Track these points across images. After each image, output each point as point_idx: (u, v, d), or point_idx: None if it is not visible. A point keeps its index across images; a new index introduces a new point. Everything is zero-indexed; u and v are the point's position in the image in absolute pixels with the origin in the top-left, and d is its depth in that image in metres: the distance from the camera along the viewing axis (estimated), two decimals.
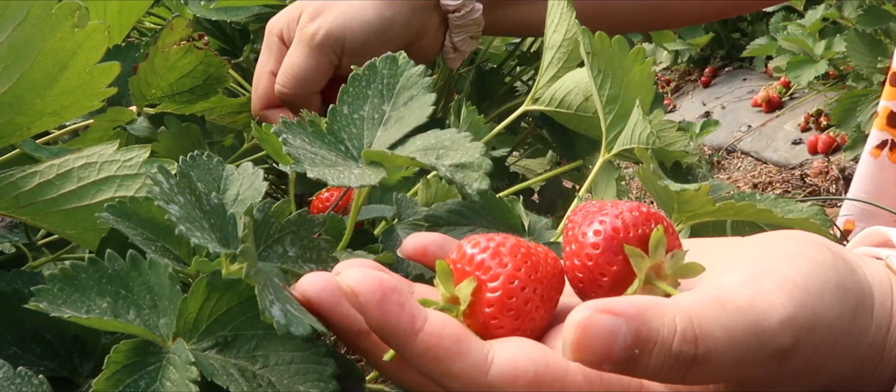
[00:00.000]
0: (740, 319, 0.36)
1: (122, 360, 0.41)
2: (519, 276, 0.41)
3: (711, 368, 0.36)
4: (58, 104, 0.50)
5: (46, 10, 0.46)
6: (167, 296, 0.43)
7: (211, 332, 0.43)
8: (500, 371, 0.38)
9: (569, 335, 0.35)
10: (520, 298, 0.41)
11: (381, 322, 0.38)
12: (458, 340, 0.39)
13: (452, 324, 0.39)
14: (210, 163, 0.52)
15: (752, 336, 0.36)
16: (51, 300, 0.41)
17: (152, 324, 0.42)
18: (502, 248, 0.41)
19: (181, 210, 0.43)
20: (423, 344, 0.38)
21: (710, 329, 0.36)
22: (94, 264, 0.42)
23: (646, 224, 0.42)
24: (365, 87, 0.55)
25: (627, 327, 0.35)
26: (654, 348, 0.35)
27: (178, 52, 0.75)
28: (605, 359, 0.35)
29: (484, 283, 0.41)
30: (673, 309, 0.36)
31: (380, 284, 0.38)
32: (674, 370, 0.36)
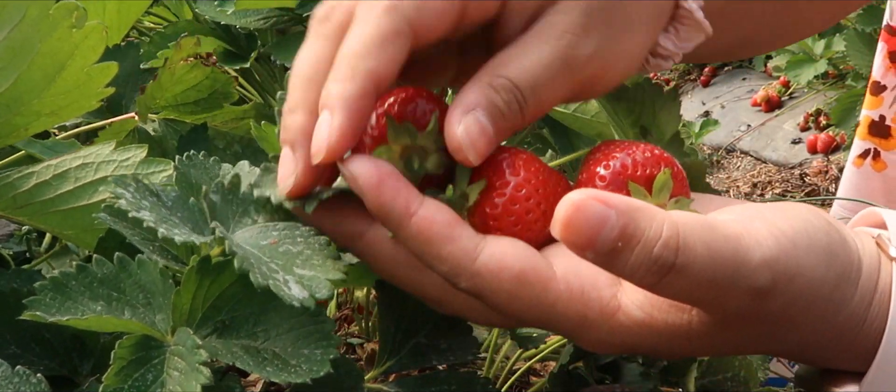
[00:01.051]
0: (724, 245, 0.37)
1: (127, 355, 0.41)
2: (526, 186, 0.43)
3: (686, 282, 0.37)
4: (55, 104, 0.49)
5: (44, 10, 0.46)
6: (160, 292, 0.43)
7: (208, 320, 0.43)
8: (487, 260, 0.41)
9: (560, 212, 0.37)
10: (522, 207, 0.42)
11: (378, 203, 0.40)
12: (449, 225, 0.41)
13: (446, 211, 0.41)
14: (207, 162, 0.52)
15: (732, 264, 0.37)
16: (45, 308, 0.41)
17: (149, 321, 0.42)
18: (518, 160, 0.43)
19: (152, 213, 0.43)
20: (416, 226, 0.40)
21: (693, 244, 0.37)
22: (83, 270, 0.42)
23: (655, 165, 0.43)
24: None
25: (616, 219, 0.36)
26: (636, 246, 0.37)
27: (185, 68, 0.75)
28: (589, 244, 0.36)
29: (493, 187, 0.43)
30: (662, 217, 0.37)
31: (378, 169, 0.40)
32: (650, 273, 0.37)
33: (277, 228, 0.44)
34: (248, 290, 0.41)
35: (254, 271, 0.38)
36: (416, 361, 0.52)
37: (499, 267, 0.41)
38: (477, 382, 0.53)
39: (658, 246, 0.37)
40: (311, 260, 0.41)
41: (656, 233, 0.37)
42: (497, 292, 0.41)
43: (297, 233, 0.44)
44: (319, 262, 0.41)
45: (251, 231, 0.45)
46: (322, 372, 0.41)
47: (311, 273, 0.40)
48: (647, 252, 0.37)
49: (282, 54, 0.91)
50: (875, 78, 1.12)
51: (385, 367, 0.53)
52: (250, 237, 0.44)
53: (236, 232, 0.45)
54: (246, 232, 0.45)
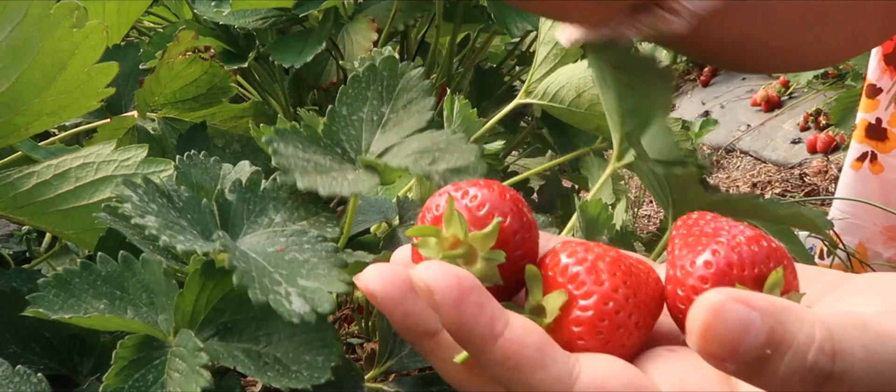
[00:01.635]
0: (883, 346, 0.33)
1: (128, 355, 0.41)
2: (615, 297, 0.37)
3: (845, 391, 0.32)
4: (56, 104, 0.49)
5: (45, 10, 0.46)
6: (163, 292, 0.43)
7: (210, 322, 0.43)
8: (586, 389, 0.35)
9: (698, 318, 0.32)
10: (612, 322, 0.37)
11: (458, 323, 0.35)
12: (541, 350, 0.35)
13: (536, 331, 0.36)
14: (207, 162, 0.52)
15: (891, 365, 0.33)
16: (47, 305, 0.41)
17: (151, 320, 0.42)
18: (601, 263, 0.37)
19: (157, 218, 0.42)
20: (503, 350, 0.35)
21: (850, 347, 0.32)
22: (87, 268, 0.42)
23: (764, 263, 0.37)
24: (364, 89, 0.54)
25: (762, 323, 0.32)
26: (787, 353, 0.32)
27: (183, 63, 0.75)
28: (732, 353, 0.32)
29: (575, 300, 0.37)
30: (812, 317, 0.33)
31: (458, 281, 0.35)
32: (804, 384, 0.32)
33: (285, 233, 0.44)
34: None
35: (253, 287, 0.38)
36: (416, 361, 0.52)
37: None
38: None
39: (813, 352, 0.32)
40: (316, 269, 0.41)
41: (808, 336, 0.32)
42: None
43: (304, 239, 0.43)
44: (324, 271, 0.40)
45: (260, 236, 0.44)
46: (323, 379, 0.41)
47: (315, 285, 0.39)
48: (801, 359, 0.32)
49: (280, 55, 0.91)
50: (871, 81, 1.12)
51: (385, 366, 0.52)
52: (258, 243, 0.44)
53: (247, 235, 0.45)
54: (255, 237, 0.44)
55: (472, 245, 0.38)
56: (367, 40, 0.96)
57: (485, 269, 0.38)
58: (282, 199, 0.47)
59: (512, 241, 0.38)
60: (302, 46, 0.92)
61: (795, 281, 0.38)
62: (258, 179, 0.48)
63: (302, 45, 0.93)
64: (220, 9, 0.91)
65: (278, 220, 0.47)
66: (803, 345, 0.32)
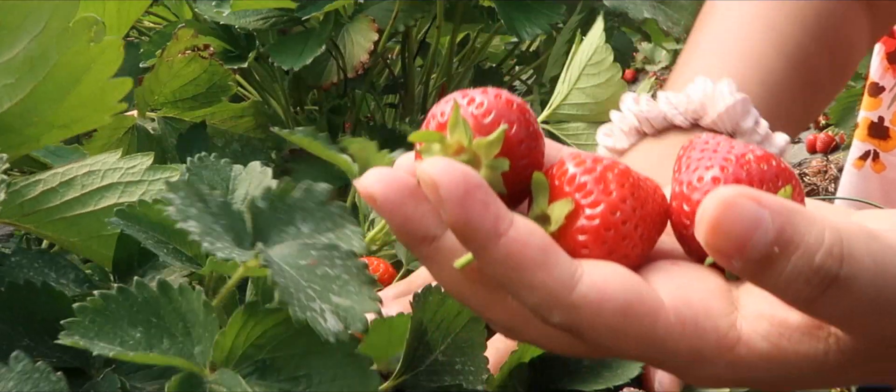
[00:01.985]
0: (891, 257, 0.32)
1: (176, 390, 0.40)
2: (622, 208, 0.37)
3: (848, 299, 0.32)
4: (68, 117, 0.49)
5: (64, 22, 0.45)
6: (201, 322, 0.42)
7: (248, 358, 0.42)
8: (587, 292, 0.34)
9: (708, 211, 0.31)
10: (618, 233, 0.37)
11: (462, 219, 0.34)
12: (544, 251, 0.34)
13: (540, 233, 0.35)
14: (218, 163, 0.51)
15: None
16: (83, 333, 0.40)
17: (187, 352, 0.41)
18: (609, 174, 0.37)
19: (198, 223, 0.41)
20: (506, 249, 0.34)
21: (859, 254, 0.32)
22: (124, 293, 0.41)
23: (773, 181, 0.37)
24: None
25: (772, 221, 0.31)
26: (794, 253, 0.31)
27: (183, 61, 0.74)
28: (739, 250, 0.31)
29: (582, 208, 0.37)
30: (824, 221, 0.32)
31: (464, 178, 0.34)
32: (809, 286, 0.32)
33: (317, 247, 0.43)
34: (291, 330, 0.39)
35: (293, 304, 0.37)
36: (430, 380, 0.51)
37: (600, 299, 0.34)
38: None
39: (820, 254, 0.31)
40: (347, 286, 0.40)
41: (817, 238, 0.31)
42: (597, 327, 0.35)
43: (335, 254, 0.43)
44: (355, 289, 0.40)
45: (290, 247, 0.44)
46: None
47: (348, 303, 0.39)
48: (808, 260, 0.31)
49: (279, 57, 0.91)
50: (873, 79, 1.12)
51: (400, 380, 0.52)
52: (289, 255, 0.43)
53: (276, 246, 0.44)
54: (285, 247, 0.44)
55: (476, 152, 0.37)
56: (368, 41, 0.95)
57: (489, 176, 0.37)
58: (310, 209, 0.46)
59: (517, 149, 0.38)
60: (301, 48, 0.92)
61: (802, 200, 0.38)
62: (289, 188, 0.47)
63: (301, 46, 0.92)
64: (220, 9, 0.90)
65: (306, 230, 0.46)
66: (812, 246, 0.31)
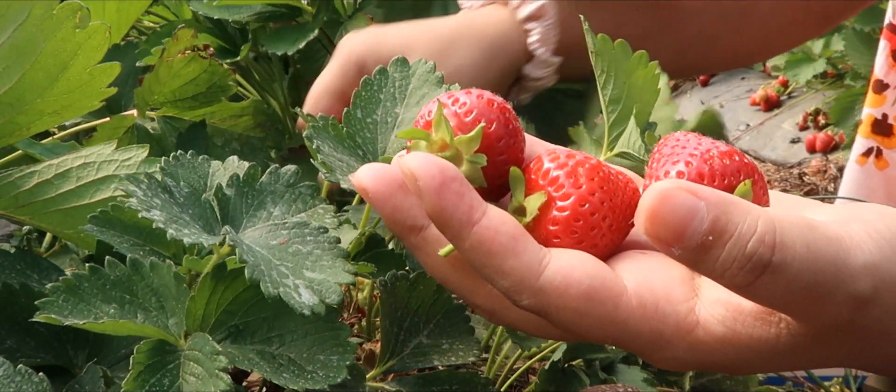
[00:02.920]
0: (825, 246, 0.35)
1: (144, 360, 0.41)
2: (591, 200, 0.39)
3: (782, 284, 0.34)
4: (58, 104, 0.49)
5: (48, 10, 0.46)
6: (173, 296, 0.43)
7: (221, 325, 0.43)
8: (553, 277, 0.38)
9: (646, 202, 0.34)
10: (587, 223, 0.39)
11: (438, 208, 0.37)
12: (513, 238, 0.38)
13: (510, 222, 0.38)
14: (195, 161, 0.52)
15: (833, 267, 0.35)
16: (57, 311, 0.41)
17: (162, 324, 0.42)
18: (580, 169, 0.40)
19: (163, 212, 0.43)
20: (478, 236, 0.37)
21: (791, 241, 0.34)
22: (96, 272, 0.42)
23: (734, 175, 0.39)
24: (377, 92, 0.55)
25: (707, 212, 0.34)
26: (728, 241, 0.34)
27: (182, 61, 0.75)
28: (676, 238, 0.34)
29: (553, 201, 0.40)
30: (758, 212, 0.35)
31: (441, 171, 0.37)
32: (743, 271, 0.34)
33: (287, 226, 0.44)
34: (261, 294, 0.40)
35: (264, 280, 0.38)
36: (417, 361, 0.52)
37: (566, 283, 0.37)
38: (477, 382, 0.53)
39: (753, 241, 0.34)
40: (320, 261, 0.41)
41: (750, 227, 0.34)
42: (562, 310, 0.38)
43: (306, 231, 0.44)
44: (329, 262, 0.41)
45: (261, 230, 0.45)
46: (339, 378, 0.41)
47: (321, 276, 0.40)
48: (741, 248, 0.34)
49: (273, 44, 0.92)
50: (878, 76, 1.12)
51: (386, 366, 0.53)
52: (260, 237, 0.44)
53: (247, 230, 0.45)
54: (256, 230, 0.45)
55: (458, 148, 0.40)
56: None
57: (470, 171, 0.40)
58: (279, 192, 0.47)
59: (496, 146, 0.41)
60: (296, 35, 0.93)
61: (765, 196, 0.40)
62: (255, 173, 0.48)
63: (295, 35, 0.93)
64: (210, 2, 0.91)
65: (277, 213, 0.47)
66: (744, 235, 0.34)
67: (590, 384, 0.62)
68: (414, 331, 0.52)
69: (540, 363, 0.68)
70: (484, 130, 0.40)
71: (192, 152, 0.52)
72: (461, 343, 0.52)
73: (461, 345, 0.52)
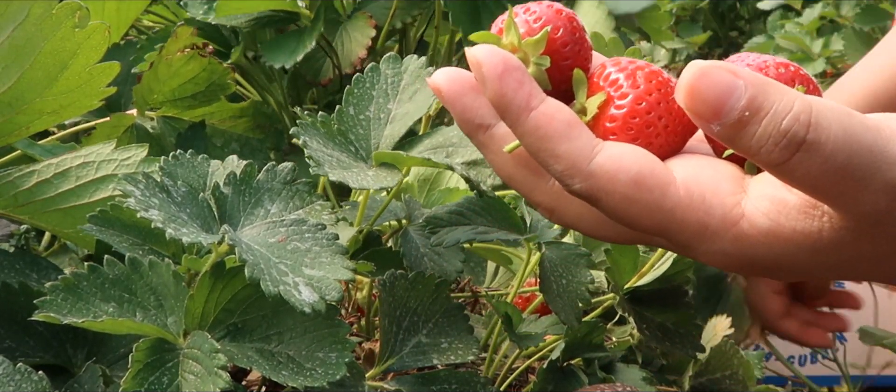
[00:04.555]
0: (863, 131, 0.35)
1: (143, 359, 0.41)
2: (647, 99, 0.41)
3: (818, 162, 0.35)
4: (57, 103, 0.49)
5: (47, 10, 0.46)
6: (172, 294, 0.43)
7: (220, 323, 0.43)
8: (603, 161, 0.39)
9: (686, 77, 0.35)
10: (643, 121, 0.41)
11: (499, 93, 0.39)
12: (568, 124, 0.40)
13: (567, 111, 0.40)
14: (195, 160, 0.52)
15: (869, 153, 0.35)
16: (56, 309, 0.41)
17: (161, 323, 0.42)
18: (639, 72, 0.42)
19: (161, 212, 0.43)
20: (535, 121, 0.39)
21: (827, 123, 0.35)
22: (95, 271, 0.42)
23: (790, 82, 0.40)
24: (369, 89, 0.55)
25: (745, 90, 0.35)
26: (764, 117, 0.35)
27: (182, 60, 0.75)
28: (714, 114, 0.35)
29: (612, 100, 0.41)
30: (795, 94, 0.35)
31: (503, 60, 0.39)
32: (777, 148, 0.35)
33: (285, 223, 0.44)
34: (259, 292, 0.41)
35: (264, 279, 0.38)
36: (417, 360, 0.52)
37: (616, 168, 0.39)
38: (476, 381, 0.53)
39: (788, 119, 0.35)
40: (319, 258, 0.41)
41: (787, 106, 0.35)
42: (612, 195, 0.39)
43: (304, 228, 0.44)
44: (328, 259, 0.41)
45: (259, 228, 0.45)
46: (338, 375, 0.41)
47: (321, 273, 0.40)
48: (776, 123, 0.35)
49: (272, 56, 0.91)
50: None
51: (386, 365, 0.53)
52: (258, 235, 0.44)
53: (245, 228, 0.45)
54: (254, 228, 0.45)
55: (525, 51, 0.43)
56: (366, 37, 0.96)
57: (535, 72, 0.42)
58: (276, 189, 0.47)
59: (562, 51, 0.43)
60: (294, 45, 0.92)
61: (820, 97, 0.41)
62: (252, 171, 0.48)
63: (294, 44, 0.93)
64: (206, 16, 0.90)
65: (274, 210, 0.47)
66: (780, 112, 0.35)
67: (589, 383, 0.62)
68: (413, 330, 0.53)
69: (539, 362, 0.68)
70: (549, 35, 0.42)
71: (192, 152, 0.52)
72: (460, 342, 0.52)
73: (460, 344, 0.52)
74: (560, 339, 0.63)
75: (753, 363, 0.79)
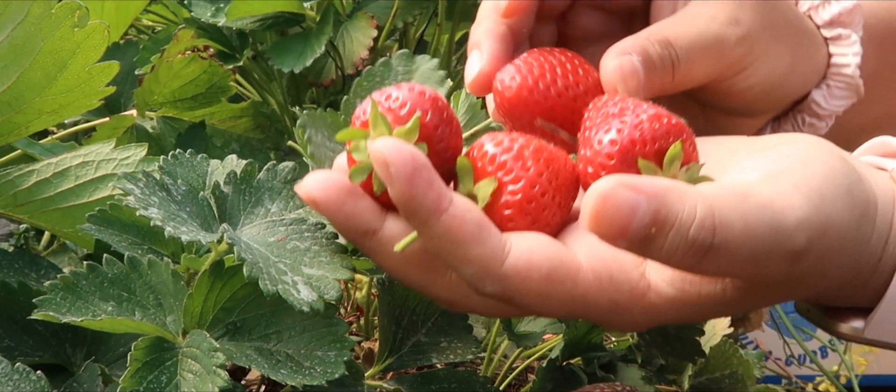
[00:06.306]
0: (760, 215, 0.36)
1: (142, 357, 0.41)
2: (540, 181, 0.41)
3: (726, 259, 0.36)
4: (57, 103, 0.49)
5: (47, 9, 0.46)
6: (171, 293, 0.43)
7: (219, 322, 0.43)
8: (516, 263, 0.39)
9: (589, 204, 0.35)
10: (539, 204, 0.41)
11: (408, 196, 0.37)
12: (479, 226, 0.38)
13: (475, 210, 0.39)
14: (194, 160, 0.52)
15: (769, 233, 0.36)
16: (55, 308, 0.41)
17: (160, 322, 0.42)
18: (526, 151, 0.41)
19: (160, 210, 0.43)
20: (446, 225, 0.38)
21: (729, 220, 0.35)
22: (94, 270, 0.42)
23: (664, 138, 0.40)
24: (379, 83, 0.54)
25: (647, 205, 0.35)
26: (670, 231, 0.35)
27: (182, 62, 0.75)
28: (621, 233, 0.35)
29: (505, 185, 0.41)
30: (694, 196, 0.36)
31: (413, 158, 0.37)
32: (688, 256, 0.36)
33: (285, 222, 0.44)
34: (258, 291, 0.40)
35: (263, 278, 0.38)
36: (416, 359, 0.52)
37: (527, 268, 0.39)
38: (476, 380, 0.53)
39: (694, 227, 0.35)
40: (318, 256, 0.41)
41: (690, 214, 0.35)
42: (526, 294, 0.39)
43: (304, 227, 0.44)
44: (327, 258, 0.41)
45: (259, 227, 0.45)
46: (337, 374, 0.41)
47: (320, 272, 0.40)
48: (683, 235, 0.35)
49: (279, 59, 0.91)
50: None
51: (385, 364, 0.53)
52: (258, 234, 0.44)
53: (245, 227, 0.45)
54: (254, 227, 0.45)
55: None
56: (367, 37, 0.96)
57: None
58: (277, 188, 0.47)
59: (434, 134, 0.41)
60: (301, 48, 0.92)
61: (694, 152, 0.42)
62: (252, 170, 0.48)
63: (301, 47, 0.92)
64: (216, 19, 0.90)
65: (274, 209, 0.47)
66: (685, 222, 0.35)
67: (588, 382, 0.63)
68: (412, 329, 0.53)
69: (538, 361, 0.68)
70: (420, 121, 0.41)
71: (191, 151, 0.52)
72: (459, 341, 0.52)
73: (459, 343, 0.52)
74: (559, 338, 0.63)
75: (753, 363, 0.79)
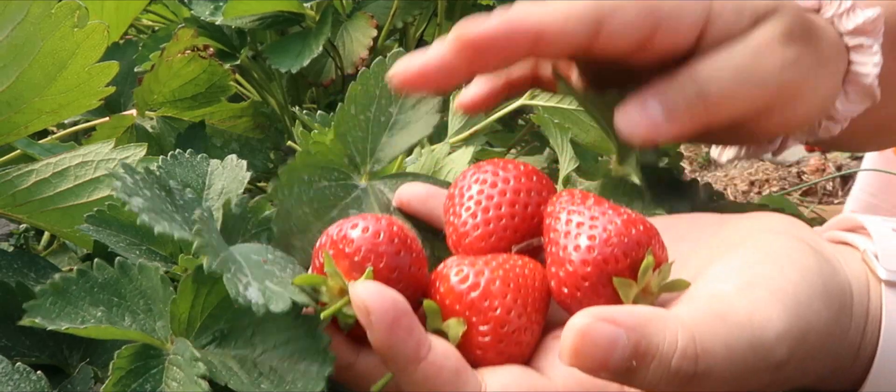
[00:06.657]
0: (740, 335, 0.36)
1: (126, 365, 0.40)
2: (509, 319, 0.40)
3: (710, 384, 0.36)
4: (56, 103, 0.50)
5: (46, 9, 0.46)
6: (161, 298, 0.42)
7: (207, 328, 0.43)
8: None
9: (568, 340, 0.35)
10: (510, 339, 0.40)
11: (388, 344, 0.37)
12: (457, 373, 0.38)
13: (454, 355, 0.39)
14: (194, 160, 0.52)
15: (751, 351, 0.36)
16: (44, 314, 0.40)
17: (149, 328, 0.42)
18: (493, 287, 0.40)
19: (145, 202, 0.42)
20: (424, 373, 0.38)
21: (711, 346, 0.35)
22: (84, 275, 0.42)
23: (636, 249, 0.40)
24: (373, 87, 0.54)
25: (627, 339, 0.35)
26: (652, 363, 0.35)
27: (182, 61, 0.75)
28: (602, 367, 0.35)
29: (475, 326, 0.40)
30: (675, 324, 0.36)
31: (394, 305, 0.37)
32: (672, 385, 0.35)
33: (274, 253, 0.44)
34: None
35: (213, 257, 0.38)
36: None
37: None
38: None
39: (676, 358, 0.35)
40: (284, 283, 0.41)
41: (671, 345, 0.35)
42: None
43: (289, 265, 0.44)
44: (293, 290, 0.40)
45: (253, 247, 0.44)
46: (318, 389, 0.40)
47: (279, 289, 0.39)
48: (665, 366, 0.35)
49: (278, 59, 0.91)
50: None
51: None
52: (246, 249, 0.44)
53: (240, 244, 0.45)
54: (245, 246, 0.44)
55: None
56: (367, 37, 0.96)
57: None
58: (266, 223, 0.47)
59: (391, 278, 0.41)
60: (300, 48, 0.92)
61: (664, 253, 0.41)
62: (264, 206, 0.48)
63: (300, 46, 0.92)
64: (214, 18, 0.90)
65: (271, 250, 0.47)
66: (667, 354, 0.35)
67: None
68: None
69: None
70: (374, 266, 0.41)
71: (191, 151, 0.51)
72: None
73: None
74: None
75: None
